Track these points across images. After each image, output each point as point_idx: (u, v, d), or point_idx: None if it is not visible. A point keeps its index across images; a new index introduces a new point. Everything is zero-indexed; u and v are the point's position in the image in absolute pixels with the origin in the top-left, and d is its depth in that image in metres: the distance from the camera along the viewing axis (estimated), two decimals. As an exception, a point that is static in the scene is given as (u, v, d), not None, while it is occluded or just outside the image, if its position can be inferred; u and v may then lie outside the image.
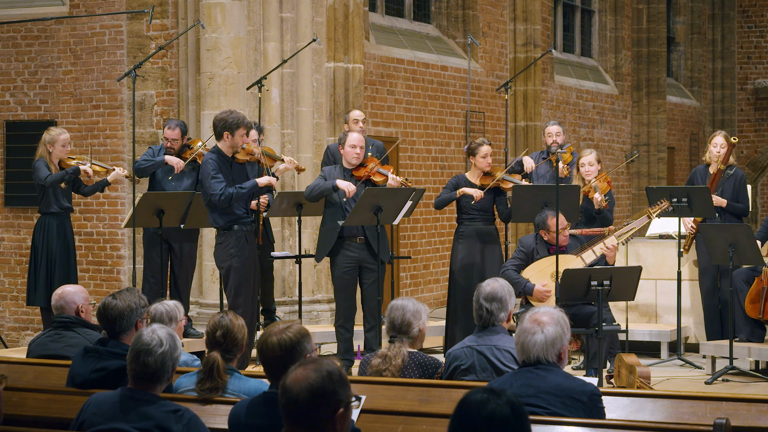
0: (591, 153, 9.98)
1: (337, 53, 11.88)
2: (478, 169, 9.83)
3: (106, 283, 12.31)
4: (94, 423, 4.43)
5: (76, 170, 9.61)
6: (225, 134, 8.42)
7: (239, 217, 8.49)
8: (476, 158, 9.80)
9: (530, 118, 15.58)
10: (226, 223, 8.48)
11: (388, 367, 5.65)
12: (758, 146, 21.80)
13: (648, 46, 19.38)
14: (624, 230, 9.13)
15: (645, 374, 7.71)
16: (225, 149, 8.48)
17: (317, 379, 3.49)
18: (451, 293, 9.98)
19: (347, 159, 9.20)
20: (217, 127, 8.47)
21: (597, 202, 9.60)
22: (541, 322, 4.62)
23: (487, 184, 9.76)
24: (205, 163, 8.48)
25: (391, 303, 5.88)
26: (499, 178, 9.73)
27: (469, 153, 9.94)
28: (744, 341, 9.34)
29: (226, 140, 8.44)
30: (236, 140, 8.45)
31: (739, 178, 10.07)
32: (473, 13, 14.92)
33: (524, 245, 9.22)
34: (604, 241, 9.03)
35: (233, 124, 8.39)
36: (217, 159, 8.43)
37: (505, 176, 9.79)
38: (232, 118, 8.43)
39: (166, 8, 12.02)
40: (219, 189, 8.30)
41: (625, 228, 9.16)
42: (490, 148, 9.84)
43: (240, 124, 8.42)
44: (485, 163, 9.78)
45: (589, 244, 9.10)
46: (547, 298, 8.81)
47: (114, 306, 5.27)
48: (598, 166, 9.88)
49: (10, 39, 12.70)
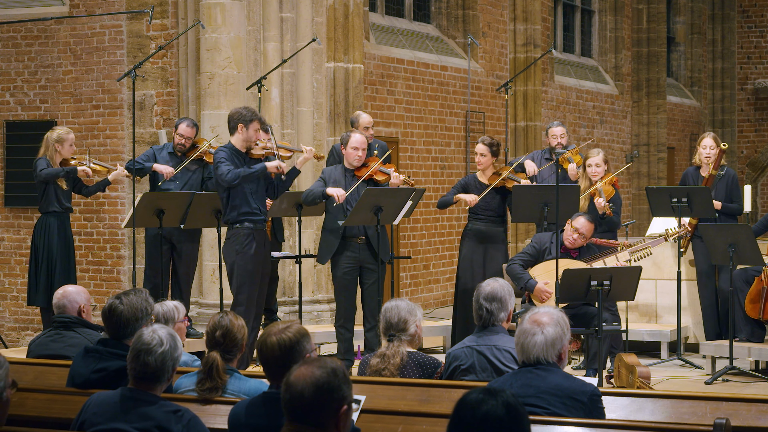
0: (599, 153, 9.90)
1: (337, 53, 11.88)
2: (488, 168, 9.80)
3: (106, 283, 12.31)
4: (94, 423, 4.44)
5: (73, 170, 9.60)
6: (239, 126, 8.42)
7: (250, 212, 8.44)
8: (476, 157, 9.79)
9: (530, 118, 15.58)
10: (235, 217, 8.44)
11: (386, 366, 5.65)
12: (758, 146, 21.80)
13: (648, 46, 19.39)
14: (638, 248, 9.11)
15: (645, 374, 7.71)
16: (238, 144, 8.47)
17: (323, 376, 3.52)
18: (457, 291, 10.00)
19: (349, 160, 9.21)
20: (232, 121, 8.47)
21: (600, 207, 9.57)
22: (541, 323, 4.62)
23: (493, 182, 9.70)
24: (216, 153, 8.50)
25: (384, 305, 5.89)
26: (504, 177, 9.68)
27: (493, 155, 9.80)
28: (744, 341, 9.34)
29: (241, 133, 8.43)
30: (250, 134, 8.46)
31: (732, 178, 10.04)
32: (473, 13, 14.92)
33: (538, 242, 9.14)
34: (616, 255, 8.98)
35: (248, 117, 8.43)
36: (228, 151, 8.43)
37: (510, 176, 9.75)
38: (247, 112, 8.48)
39: (166, 8, 12.02)
40: (227, 169, 8.30)
41: (639, 246, 9.13)
42: (483, 146, 9.77)
43: (254, 118, 8.45)
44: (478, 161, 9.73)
45: (601, 255, 9.03)
46: (548, 298, 8.79)
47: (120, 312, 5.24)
48: (605, 166, 9.81)
49: (10, 39, 12.71)
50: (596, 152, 9.92)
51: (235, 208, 8.43)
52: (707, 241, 9.44)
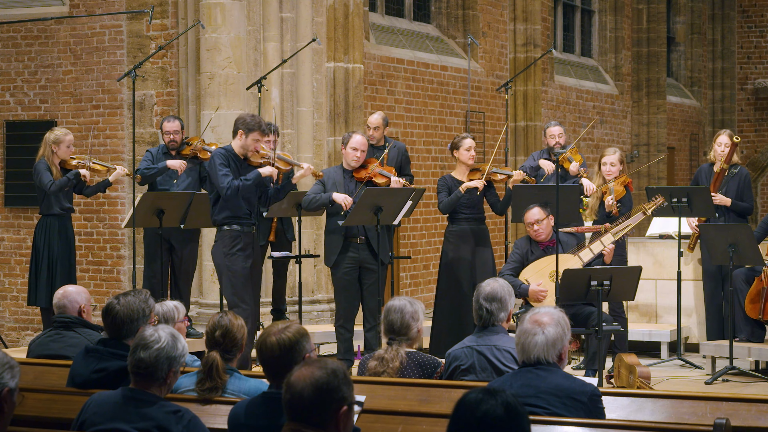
0: (615, 153, 9.87)
1: (337, 53, 11.88)
2: (463, 164, 9.70)
3: (106, 283, 12.32)
4: (94, 423, 4.44)
5: (76, 174, 9.60)
6: (240, 132, 8.38)
7: (238, 216, 8.43)
8: (459, 152, 9.63)
9: (530, 118, 15.58)
10: (222, 219, 8.40)
11: (385, 370, 5.64)
12: (758, 146, 21.80)
13: (648, 46, 19.39)
14: (620, 227, 9.11)
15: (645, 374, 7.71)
16: (236, 148, 8.45)
17: (323, 376, 3.55)
18: (439, 294, 9.92)
19: (347, 160, 9.20)
20: (236, 125, 8.45)
21: (607, 205, 9.57)
22: (542, 323, 4.62)
23: (475, 179, 9.66)
24: (213, 156, 8.43)
25: (388, 305, 5.84)
26: (489, 172, 9.63)
27: (453, 148, 9.77)
28: (744, 341, 9.34)
29: (239, 139, 8.39)
30: (247, 142, 8.38)
31: (744, 177, 10.04)
32: (473, 13, 14.92)
33: (518, 247, 9.15)
34: (601, 239, 9.01)
35: (250, 125, 8.36)
36: (226, 154, 8.39)
37: (495, 169, 9.74)
38: (251, 120, 8.40)
39: (166, 8, 12.02)
40: (226, 183, 8.27)
41: (620, 225, 9.14)
42: (473, 142, 9.76)
43: (256, 128, 8.36)
44: (468, 156, 9.64)
45: (585, 243, 9.08)
46: (543, 298, 8.78)
47: (117, 312, 5.25)
48: (620, 166, 9.78)
49: (10, 39, 12.71)
50: (612, 151, 9.91)
51: (224, 209, 8.39)
52: (707, 242, 9.44)
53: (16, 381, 3.69)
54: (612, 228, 9.13)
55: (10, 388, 3.64)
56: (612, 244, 8.95)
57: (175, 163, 9.68)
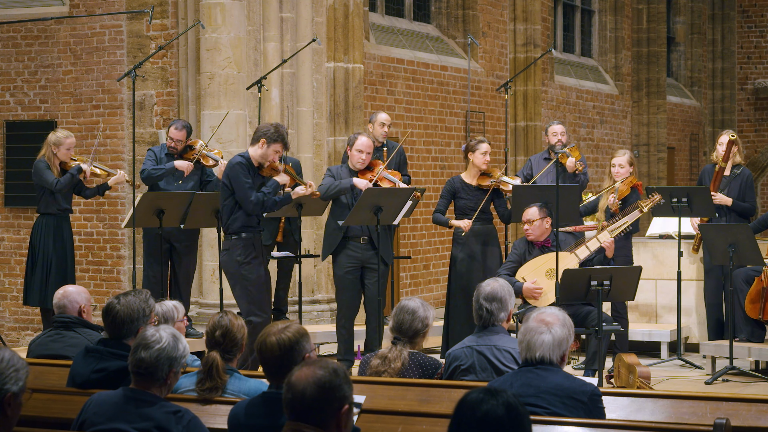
0: (624, 154, 9.87)
1: (337, 53, 11.88)
2: (476, 168, 9.74)
3: (106, 283, 12.32)
4: (94, 423, 4.44)
5: (78, 169, 9.61)
6: (262, 140, 8.24)
7: (251, 224, 8.31)
8: (475, 155, 9.66)
9: (530, 118, 15.57)
10: (237, 228, 8.28)
11: (387, 369, 5.64)
12: (758, 146, 21.80)
13: (648, 46, 19.38)
14: (616, 225, 9.12)
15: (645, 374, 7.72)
16: (255, 156, 8.31)
17: (324, 375, 3.58)
18: (451, 294, 9.93)
19: (352, 162, 9.20)
20: (259, 132, 8.32)
21: (609, 203, 9.59)
22: (549, 323, 4.62)
23: (484, 183, 9.67)
24: (235, 167, 8.26)
25: (401, 303, 5.80)
26: (500, 180, 9.67)
27: (468, 150, 9.82)
28: (744, 341, 9.34)
29: (261, 148, 8.24)
30: (268, 152, 8.26)
31: (746, 178, 10.04)
32: (473, 13, 14.92)
33: (517, 247, 9.16)
34: (597, 237, 9.01)
35: (273, 137, 8.24)
36: (246, 164, 8.24)
37: (504, 178, 9.76)
38: (275, 131, 8.28)
39: (166, 8, 12.02)
40: (254, 197, 8.15)
41: (617, 223, 9.14)
42: (489, 147, 9.79)
43: (278, 140, 8.26)
44: (483, 160, 9.67)
45: (582, 241, 9.08)
46: (538, 296, 8.76)
47: (117, 312, 5.25)
48: (629, 168, 9.76)
49: (10, 39, 12.71)
50: (622, 153, 9.92)
51: (238, 219, 8.27)
52: (707, 242, 9.43)
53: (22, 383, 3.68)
54: (609, 225, 9.15)
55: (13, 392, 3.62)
56: (611, 239, 8.95)
57: (183, 164, 9.66)
